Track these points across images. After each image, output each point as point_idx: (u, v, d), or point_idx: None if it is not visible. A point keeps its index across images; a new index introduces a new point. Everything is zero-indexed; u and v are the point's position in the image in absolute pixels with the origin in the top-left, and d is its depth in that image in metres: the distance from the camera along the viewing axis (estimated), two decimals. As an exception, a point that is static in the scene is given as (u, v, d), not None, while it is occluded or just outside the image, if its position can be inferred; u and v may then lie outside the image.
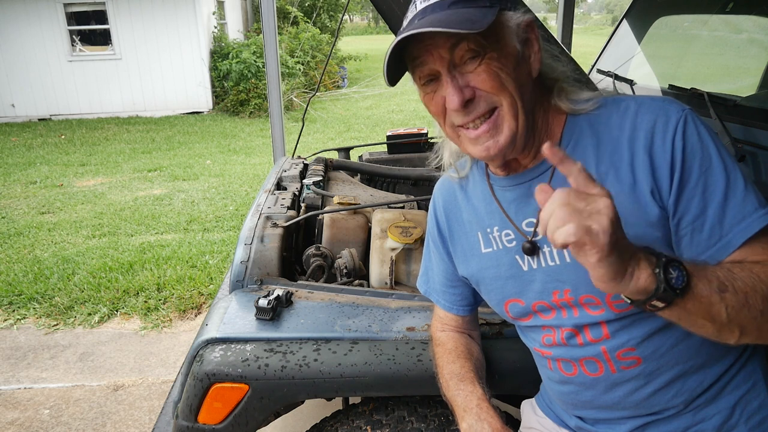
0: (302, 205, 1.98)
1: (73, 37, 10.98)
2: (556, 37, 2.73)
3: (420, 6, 0.91)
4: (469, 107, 0.90)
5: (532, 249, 0.99)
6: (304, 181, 2.12)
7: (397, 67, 0.93)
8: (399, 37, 0.87)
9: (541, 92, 0.97)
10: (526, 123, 0.93)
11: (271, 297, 1.36)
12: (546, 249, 0.98)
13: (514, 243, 1.02)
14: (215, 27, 12.35)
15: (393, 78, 0.93)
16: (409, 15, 0.92)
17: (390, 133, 2.94)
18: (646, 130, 0.89)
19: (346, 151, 2.92)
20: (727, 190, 0.86)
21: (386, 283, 1.60)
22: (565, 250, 0.95)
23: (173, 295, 3.73)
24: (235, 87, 11.17)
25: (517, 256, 1.02)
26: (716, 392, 0.97)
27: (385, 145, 2.92)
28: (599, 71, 2.49)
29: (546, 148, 0.73)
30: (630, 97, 0.95)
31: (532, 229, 0.99)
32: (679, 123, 0.87)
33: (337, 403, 1.88)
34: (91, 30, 11.20)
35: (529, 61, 0.93)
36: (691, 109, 0.90)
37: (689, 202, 0.87)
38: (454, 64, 0.90)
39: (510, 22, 0.90)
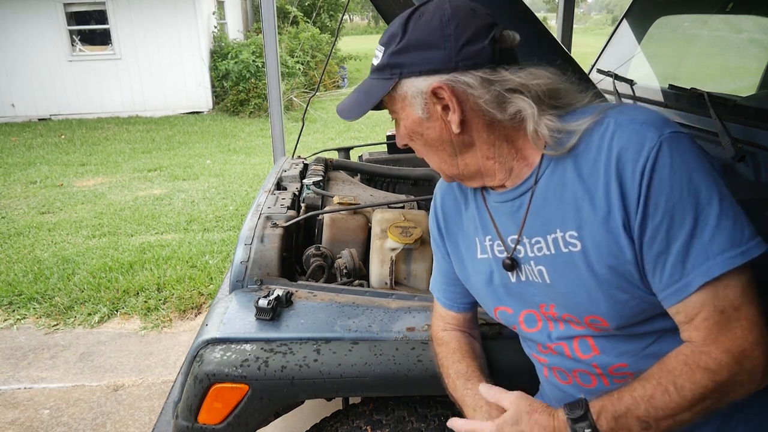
0: (302, 205, 1.98)
1: (73, 37, 10.98)
2: (556, 37, 2.73)
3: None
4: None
5: (512, 266, 1.00)
6: (304, 181, 2.12)
7: None
8: (338, 110, 1.01)
9: (504, 126, 0.93)
10: (456, 171, 0.99)
11: (271, 297, 1.36)
12: (527, 267, 0.99)
13: (504, 255, 1.03)
14: (215, 27, 12.35)
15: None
16: None
17: (390, 133, 2.94)
18: (619, 157, 0.84)
19: (346, 151, 2.92)
20: (695, 228, 0.81)
21: (386, 283, 1.60)
22: (545, 271, 0.96)
23: (173, 295, 3.73)
24: (235, 87, 11.16)
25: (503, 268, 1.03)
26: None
27: (385, 145, 2.92)
28: (599, 71, 2.49)
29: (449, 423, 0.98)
30: (613, 113, 0.89)
31: (513, 246, 1.00)
32: (651, 152, 0.82)
33: (337, 403, 1.88)
34: (91, 30, 11.19)
35: (441, 121, 0.93)
36: (674, 132, 0.84)
37: (653, 239, 0.83)
38: None
39: (408, 91, 0.92)
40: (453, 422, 1.02)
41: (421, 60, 0.90)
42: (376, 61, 0.95)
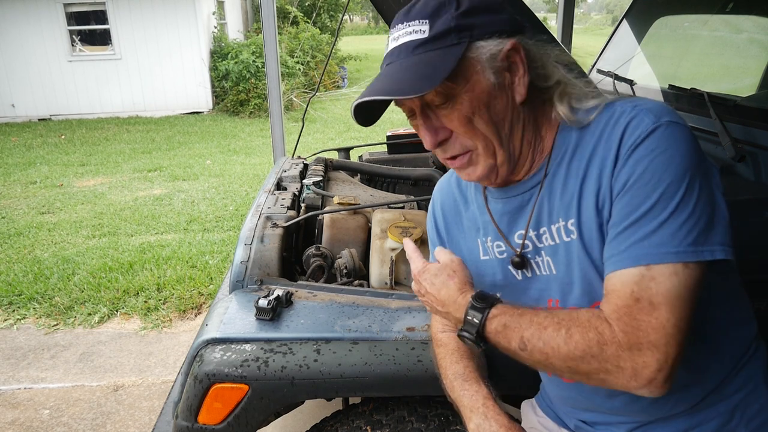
0: (302, 205, 1.98)
1: (73, 37, 10.98)
2: (556, 37, 2.73)
3: (390, 45, 0.91)
4: (446, 145, 0.92)
5: (521, 263, 1.00)
6: (304, 181, 2.12)
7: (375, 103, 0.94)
8: (354, 103, 0.89)
9: (535, 105, 0.95)
10: (506, 155, 0.93)
11: (271, 297, 1.36)
12: (538, 259, 0.98)
13: (505, 255, 1.02)
14: (215, 27, 12.35)
15: (371, 119, 0.96)
16: (385, 49, 0.94)
17: (390, 133, 2.94)
18: (617, 139, 0.86)
19: (346, 151, 2.92)
20: (647, 213, 0.81)
21: (386, 283, 1.60)
22: (551, 262, 0.96)
23: (173, 295, 3.73)
24: (235, 87, 11.17)
25: (509, 267, 1.03)
26: (716, 395, 0.97)
27: (385, 145, 2.92)
28: (599, 71, 2.49)
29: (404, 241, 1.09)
30: (619, 102, 0.91)
31: (521, 242, 0.99)
32: (643, 134, 0.83)
33: (337, 403, 1.88)
34: (91, 30, 11.20)
35: (511, 88, 0.90)
36: (672, 121, 0.84)
37: (613, 208, 0.85)
38: (428, 105, 0.90)
39: (482, 55, 0.87)
40: (406, 243, 1.11)
41: (491, 21, 0.87)
42: (420, 35, 0.87)
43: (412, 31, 0.88)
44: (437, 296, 0.98)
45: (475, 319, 0.91)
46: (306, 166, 2.46)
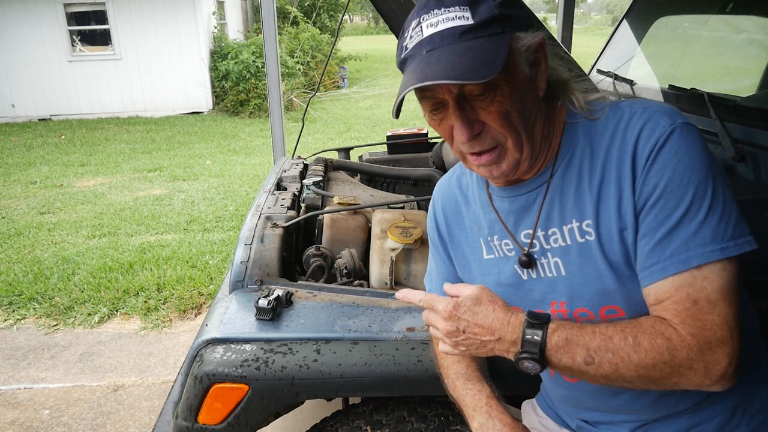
0: (302, 205, 1.98)
1: (73, 37, 10.98)
2: (556, 37, 2.73)
3: (426, 32, 0.86)
4: (476, 139, 0.90)
5: (529, 262, 0.99)
6: (304, 181, 2.12)
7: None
8: (408, 89, 0.84)
9: (547, 102, 0.95)
10: (530, 151, 0.92)
11: (271, 297, 1.36)
12: (543, 260, 0.98)
13: (513, 253, 1.02)
14: (215, 27, 12.35)
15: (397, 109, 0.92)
16: (413, 36, 0.88)
17: (390, 133, 2.94)
18: (633, 142, 0.87)
19: (346, 151, 2.92)
20: (684, 217, 0.83)
21: (386, 284, 1.60)
22: (561, 263, 0.95)
23: (173, 295, 3.73)
24: (235, 87, 11.17)
25: (516, 266, 1.02)
26: (717, 394, 0.96)
27: (385, 145, 2.92)
28: (599, 71, 2.49)
29: (398, 295, 1.01)
30: (627, 103, 0.92)
31: (528, 241, 0.99)
32: (661, 137, 0.84)
33: (337, 403, 1.88)
34: (91, 30, 11.20)
35: (536, 82, 0.91)
36: (686, 122, 0.86)
37: (644, 218, 0.86)
38: (464, 96, 0.88)
39: (521, 47, 0.87)
40: (405, 294, 1.01)
41: (522, 14, 0.88)
42: (465, 21, 0.84)
43: (454, 17, 0.85)
44: (484, 324, 0.90)
45: (535, 337, 0.86)
46: (306, 166, 2.46)
